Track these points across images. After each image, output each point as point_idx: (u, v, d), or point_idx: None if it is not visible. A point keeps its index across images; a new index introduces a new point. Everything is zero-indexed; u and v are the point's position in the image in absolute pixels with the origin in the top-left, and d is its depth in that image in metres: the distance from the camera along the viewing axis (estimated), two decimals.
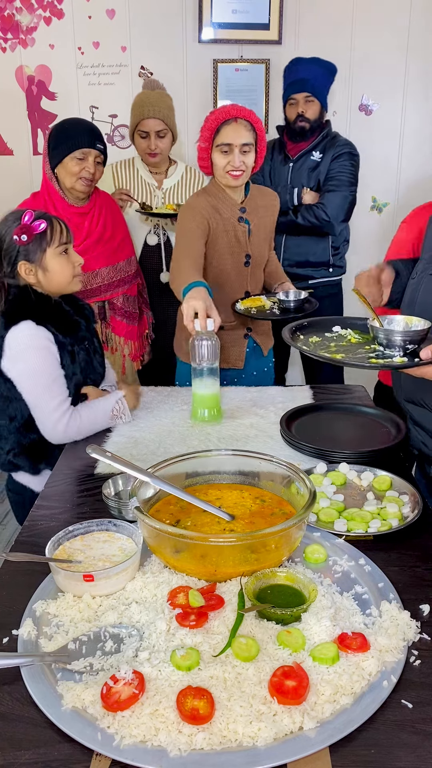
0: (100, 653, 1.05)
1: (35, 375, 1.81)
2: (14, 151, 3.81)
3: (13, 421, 1.88)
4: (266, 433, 1.88)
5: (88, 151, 2.44)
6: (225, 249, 2.40)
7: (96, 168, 2.49)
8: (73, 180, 2.47)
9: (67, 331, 1.87)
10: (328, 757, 0.90)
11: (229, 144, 2.26)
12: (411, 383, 1.70)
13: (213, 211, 2.36)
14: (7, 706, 0.99)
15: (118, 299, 2.72)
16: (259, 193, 2.50)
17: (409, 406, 1.78)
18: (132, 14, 3.57)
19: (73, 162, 2.44)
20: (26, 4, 3.56)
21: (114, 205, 2.74)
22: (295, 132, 3.14)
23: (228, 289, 2.47)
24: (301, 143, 3.17)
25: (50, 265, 1.84)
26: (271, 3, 3.51)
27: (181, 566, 1.22)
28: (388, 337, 1.54)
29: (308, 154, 3.16)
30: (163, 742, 0.91)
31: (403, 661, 1.04)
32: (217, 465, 1.48)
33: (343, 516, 1.45)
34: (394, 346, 1.54)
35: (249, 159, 2.30)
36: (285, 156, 3.22)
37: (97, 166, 2.49)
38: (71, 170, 2.45)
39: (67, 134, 2.45)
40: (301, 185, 3.15)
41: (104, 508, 1.49)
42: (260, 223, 2.46)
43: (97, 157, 2.48)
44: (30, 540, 1.40)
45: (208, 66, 3.63)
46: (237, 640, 1.05)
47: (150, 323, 2.99)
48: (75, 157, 2.43)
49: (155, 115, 2.85)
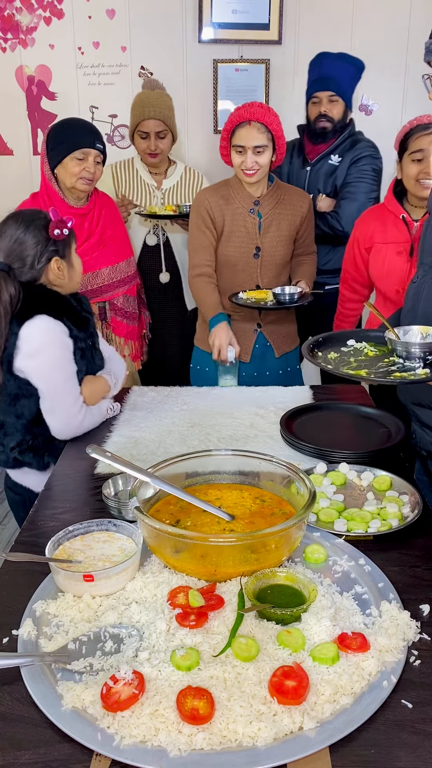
0: (100, 653, 1.05)
1: (55, 369, 1.80)
2: (14, 151, 3.81)
3: (21, 418, 1.87)
4: (266, 433, 1.88)
5: (88, 150, 2.44)
6: (234, 238, 2.51)
7: (96, 168, 2.49)
8: (74, 180, 2.47)
9: (80, 325, 1.88)
10: (328, 757, 0.90)
11: (242, 146, 2.36)
12: (418, 387, 1.71)
13: (222, 201, 2.49)
14: (7, 706, 0.99)
15: (118, 299, 2.72)
16: (286, 191, 2.54)
17: (416, 408, 1.78)
18: (132, 14, 3.57)
19: (73, 162, 2.44)
20: (26, 4, 3.56)
21: (113, 206, 2.74)
22: (316, 132, 2.99)
23: (236, 279, 2.54)
24: (320, 145, 3.02)
25: (74, 261, 1.92)
26: (271, 3, 3.51)
27: (181, 566, 1.22)
28: (407, 349, 1.53)
29: (327, 157, 3.01)
30: (163, 742, 0.91)
31: (403, 661, 1.04)
32: (217, 465, 1.48)
33: (343, 516, 1.45)
34: (414, 357, 1.53)
35: (263, 158, 2.38)
36: (303, 159, 3.08)
37: (96, 165, 2.50)
38: (71, 170, 2.45)
39: (67, 134, 2.45)
40: (317, 191, 3.02)
41: (104, 508, 1.49)
42: (277, 219, 2.50)
43: (96, 156, 2.48)
44: (30, 540, 1.40)
45: (208, 66, 3.63)
46: (237, 640, 1.05)
47: (147, 323, 2.99)
48: (75, 157, 2.43)
49: (155, 115, 2.85)
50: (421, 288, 1.72)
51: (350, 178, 2.95)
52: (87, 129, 2.48)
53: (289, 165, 3.13)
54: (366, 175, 2.95)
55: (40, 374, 1.80)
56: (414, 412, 1.81)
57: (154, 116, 2.85)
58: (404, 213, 2.35)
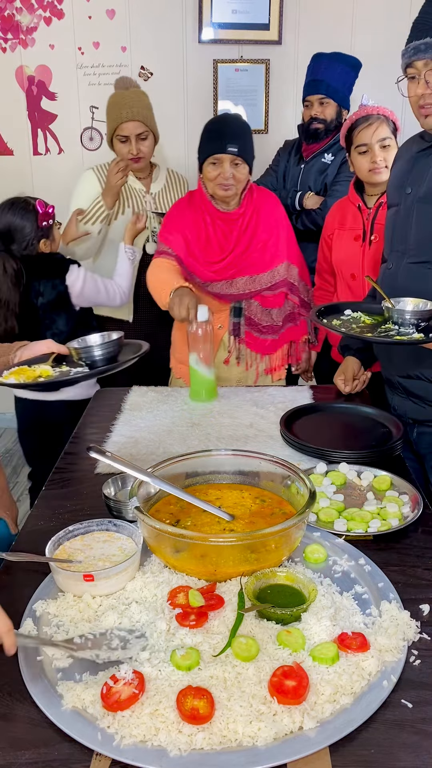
0: (106, 648, 1.05)
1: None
2: (14, 151, 3.82)
3: None
4: (266, 433, 1.88)
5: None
6: None
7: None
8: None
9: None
10: (328, 757, 0.90)
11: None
12: (405, 359, 1.88)
13: None
14: (7, 706, 0.99)
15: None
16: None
17: (404, 380, 1.90)
18: (132, 14, 3.57)
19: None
20: (26, 4, 3.56)
21: None
22: (309, 134, 3.04)
23: None
24: (314, 144, 3.06)
25: (56, 236, 2.53)
26: (271, 3, 3.51)
27: (181, 566, 1.22)
28: (402, 317, 1.73)
29: (321, 155, 3.05)
30: (163, 742, 0.91)
31: (402, 661, 1.04)
32: (217, 465, 1.49)
33: (343, 516, 1.45)
34: (407, 324, 1.72)
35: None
36: (300, 157, 3.13)
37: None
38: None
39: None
40: (308, 188, 3.06)
41: (104, 508, 1.49)
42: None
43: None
44: (30, 540, 1.40)
45: (208, 66, 3.63)
46: (237, 640, 1.05)
47: None
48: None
49: (134, 117, 2.67)
50: (397, 272, 1.87)
51: (339, 177, 3.00)
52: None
53: (286, 163, 3.17)
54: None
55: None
56: (402, 385, 1.92)
57: (132, 118, 2.67)
58: (360, 202, 2.46)
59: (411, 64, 1.71)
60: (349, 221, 2.51)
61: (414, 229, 1.82)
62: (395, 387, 1.96)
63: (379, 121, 2.35)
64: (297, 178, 3.11)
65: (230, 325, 2.41)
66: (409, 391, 1.90)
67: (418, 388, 1.88)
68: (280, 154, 3.21)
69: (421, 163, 1.82)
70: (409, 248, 1.83)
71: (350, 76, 3.04)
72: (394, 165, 1.99)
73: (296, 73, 3.61)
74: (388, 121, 2.37)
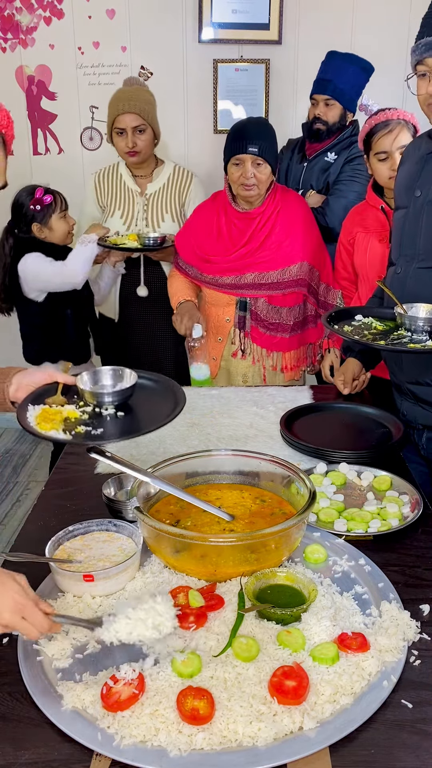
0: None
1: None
2: (14, 151, 3.80)
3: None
4: (266, 433, 1.88)
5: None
6: None
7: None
8: None
9: (54, 255, 2.65)
10: (328, 757, 0.90)
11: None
12: (414, 366, 1.84)
13: None
14: (7, 706, 0.99)
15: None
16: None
17: (413, 387, 1.86)
18: (132, 14, 3.57)
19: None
20: (26, 4, 3.56)
21: None
22: (311, 133, 3.02)
23: None
24: (317, 143, 3.04)
25: (54, 225, 2.64)
26: (271, 3, 3.50)
27: (181, 566, 1.22)
28: (415, 323, 1.69)
29: (323, 154, 3.03)
30: (163, 742, 0.91)
31: (403, 661, 1.04)
32: (217, 465, 1.49)
33: (343, 516, 1.45)
34: (421, 331, 1.68)
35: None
36: (303, 155, 3.11)
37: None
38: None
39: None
40: (310, 186, 3.04)
41: (104, 508, 1.49)
42: None
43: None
44: (30, 540, 1.40)
45: (208, 66, 3.63)
46: (237, 640, 1.05)
47: None
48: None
49: (131, 109, 2.69)
50: (406, 277, 1.82)
51: (343, 176, 2.98)
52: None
53: (289, 161, 3.15)
54: (359, 174, 2.96)
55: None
56: (411, 391, 1.88)
57: (129, 110, 2.69)
58: (382, 203, 2.41)
59: (422, 60, 1.64)
60: (373, 224, 2.44)
61: (423, 234, 1.78)
62: (404, 393, 1.92)
63: (400, 127, 2.29)
64: (299, 177, 3.10)
65: (236, 318, 2.45)
66: (419, 397, 1.87)
67: (427, 394, 1.84)
68: (283, 153, 3.20)
69: (430, 165, 1.78)
70: (419, 253, 1.79)
71: (360, 79, 3.01)
72: (401, 165, 1.94)
73: (296, 72, 3.61)
74: (408, 126, 2.31)
